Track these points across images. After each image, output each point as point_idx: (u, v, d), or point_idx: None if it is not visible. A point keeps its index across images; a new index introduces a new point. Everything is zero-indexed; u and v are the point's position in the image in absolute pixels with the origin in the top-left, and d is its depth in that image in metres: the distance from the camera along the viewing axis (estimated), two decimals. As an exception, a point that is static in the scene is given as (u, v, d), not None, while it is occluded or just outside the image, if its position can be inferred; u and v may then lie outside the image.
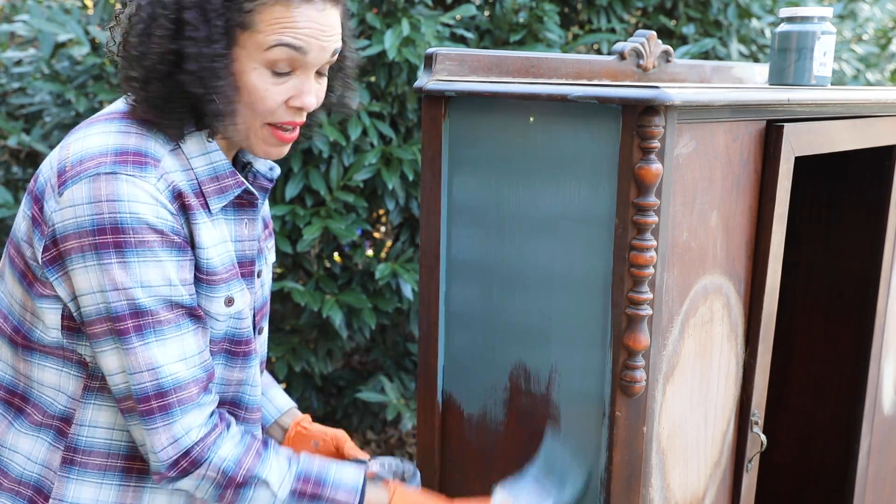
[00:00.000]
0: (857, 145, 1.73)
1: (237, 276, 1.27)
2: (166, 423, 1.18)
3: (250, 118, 1.22)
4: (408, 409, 2.98)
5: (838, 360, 2.13)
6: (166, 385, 1.18)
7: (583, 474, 1.39)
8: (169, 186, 1.17)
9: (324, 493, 1.26)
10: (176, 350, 1.18)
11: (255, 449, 1.25)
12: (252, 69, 1.18)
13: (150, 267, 1.15)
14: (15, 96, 3.17)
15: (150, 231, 1.15)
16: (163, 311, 1.17)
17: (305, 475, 1.26)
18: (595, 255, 1.33)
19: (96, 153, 1.16)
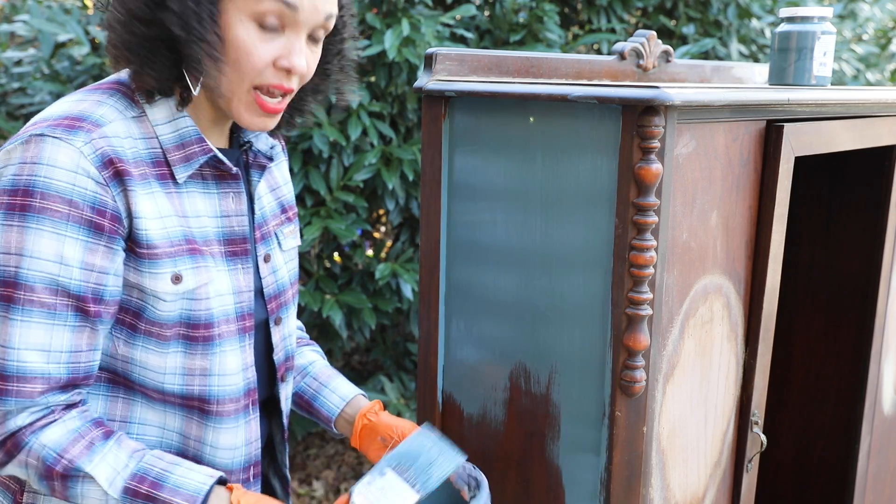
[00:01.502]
0: (857, 145, 1.73)
1: (187, 253, 1.17)
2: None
3: (235, 79, 1.15)
4: (408, 409, 2.98)
5: (838, 361, 2.13)
6: (9, 369, 1.09)
7: (453, 455, 1.26)
8: (97, 151, 1.09)
9: (160, 495, 1.12)
10: (39, 338, 1.09)
11: (88, 439, 1.13)
12: (239, 21, 1.11)
13: (44, 238, 1.08)
14: (15, 96, 3.17)
15: (60, 200, 1.07)
16: (42, 291, 1.09)
17: (143, 474, 1.13)
18: (595, 255, 1.33)
19: (42, 118, 1.12)
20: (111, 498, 1.12)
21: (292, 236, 1.40)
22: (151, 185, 1.14)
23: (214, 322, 1.20)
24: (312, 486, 3.33)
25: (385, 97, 2.83)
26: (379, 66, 2.77)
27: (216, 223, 1.22)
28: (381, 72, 2.76)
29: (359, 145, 2.79)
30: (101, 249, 1.11)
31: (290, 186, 1.45)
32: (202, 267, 1.18)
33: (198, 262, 1.18)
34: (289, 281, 1.37)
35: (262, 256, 1.31)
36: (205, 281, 1.18)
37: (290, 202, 1.42)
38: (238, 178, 1.24)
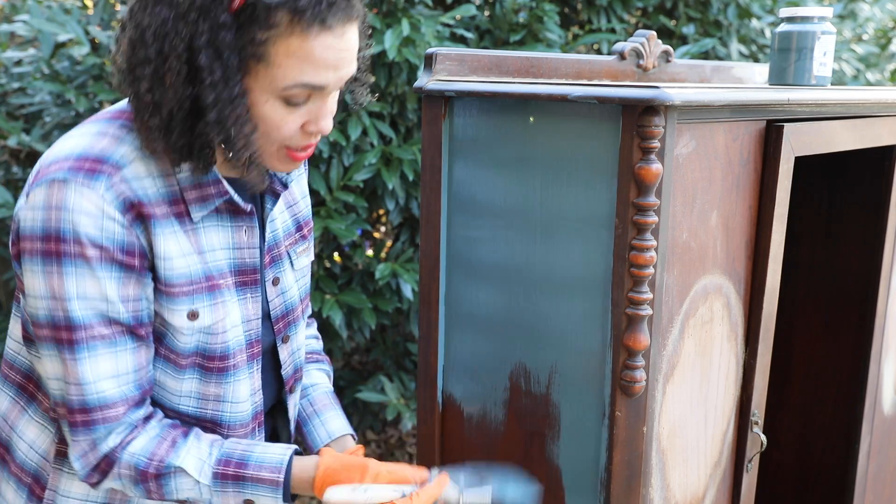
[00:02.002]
0: (857, 145, 1.73)
1: (206, 291, 1.21)
2: (88, 437, 1.18)
3: (266, 143, 1.17)
4: (408, 409, 2.98)
5: (838, 361, 2.13)
6: (91, 402, 1.17)
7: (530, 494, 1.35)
8: (119, 197, 1.12)
9: (247, 474, 1.21)
10: (108, 367, 1.16)
11: (171, 439, 1.21)
12: (265, 101, 1.12)
13: (86, 280, 1.12)
14: (15, 96, 3.17)
15: (90, 245, 1.11)
16: (98, 326, 1.15)
17: (227, 457, 1.22)
18: (595, 255, 1.33)
19: (62, 156, 1.13)
20: (202, 485, 1.21)
21: (305, 254, 1.42)
22: (173, 223, 1.18)
23: (230, 354, 1.25)
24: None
25: (385, 97, 2.83)
26: (379, 66, 2.76)
27: (228, 255, 1.25)
28: (381, 72, 2.76)
29: (359, 145, 2.79)
30: (132, 281, 1.16)
31: (308, 200, 1.46)
32: (219, 303, 1.23)
33: (215, 298, 1.22)
34: (299, 298, 1.40)
35: (270, 280, 1.34)
36: (221, 317, 1.23)
37: (305, 217, 1.44)
38: (252, 215, 1.27)
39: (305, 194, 1.46)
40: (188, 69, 1.07)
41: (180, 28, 1.06)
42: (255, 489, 1.21)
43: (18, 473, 1.30)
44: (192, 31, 1.06)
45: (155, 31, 1.07)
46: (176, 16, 1.06)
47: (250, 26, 1.07)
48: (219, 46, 1.06)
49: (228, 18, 1.06)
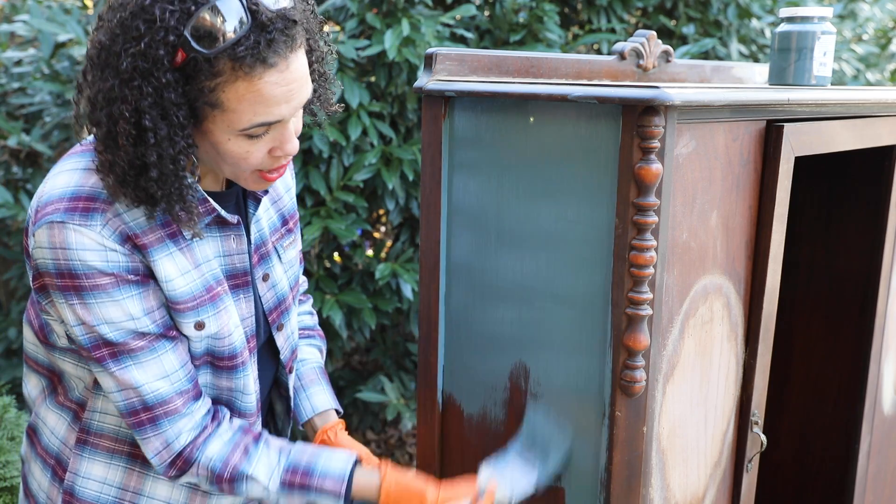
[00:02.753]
0: (857, 145, 1.73)
1: (209, 302, 1.28)
2: (156, 432, 1.27)
3: (237, 171, 1.23)
4: (408, 409, 2.98)
5: (838, 361, 2.13)
6: (150, 401, 1.25)
7: (565, 442, 1.41)
8: (116, 231, 1.18)
9: (312, 482, 1.32)
10: (156, 370, 1.24)
11: (244, 446, 1.31)
12: (227, 140, 1.17)
13: (108, 306, 1.20)
14: (15, 96, 3.17)
15: (101, 275, 1.18)
16: (133, 341, 1.22)
17: (294, 467, 1.33)
18: (595, 255, 1.33)
19: (55, 197, 1.18)
20: (271, 491, 1.32)
21: (292, 247, 1.48)
22: (168, 246, 1.24)
23: (237, 353, 1.33)
24: None
25: (385, 97, 2.83)
26: (379, 66, 2.76)
27: (220, 262, 1.32)
28: (381, 72, 2.76)
29: (359, 145, 2.79)
30: (150, 293, 1.23)
31: (293, 192, 1.52)
32: (222, 311, 1.30)
33: (217, 307, 1.29)
34: (289, 287, 1.47)
35: (260, 277, 1.40)
36: (225, 322, 1.30)
37: (290, 211, 1.49)
38: (239, 225, 1.33)
39: (290, 187, 1.50)
40: (136, 131, 1.12)
41: (126, 94, 1.10)
42: (319, 496, 1.33)
43: (43, 455, 1.40)
44: (136, 95, 1.10)
45: (105, 96, 1.12)
46: (121, 83, 1.10)
47: (196, 77, 1.11)
48: (164, 106, 1.10)
49: (172, 76, 1.10)
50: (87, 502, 1.35)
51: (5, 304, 3.54)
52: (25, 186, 3.20)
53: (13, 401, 2.09)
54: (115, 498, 1.35)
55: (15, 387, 3.14)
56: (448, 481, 1.39)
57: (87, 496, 1.35)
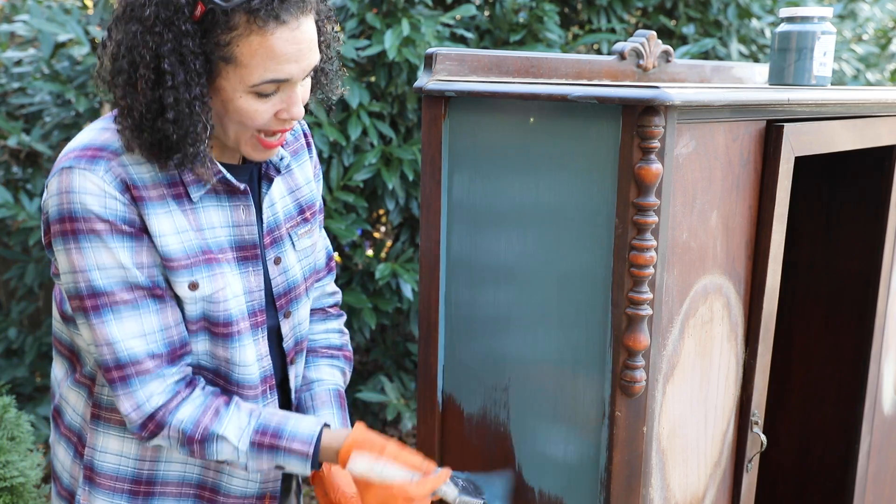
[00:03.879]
0: (857, 145, 1.73)
1: (204, 263, 1.32)
2: (126, 391, 1.30)
3: (241, 130, 1.29)
4: (408, 409, 2.98)
5: (838, 360, 2.13)
6: (122, 359, 1.28)
7: None
8: (116, 178, 1.25)
9: (280, 444, 1.34)
10: (134, 327, 1.28)
11: (214, 408, 1.34)
12: (238, 97, 1.24)
13: (100, 252, 1.25)
14: (15, 96, 3.17)
15: (97, 220, 1.24)
16: (119, 292, 1.27)
17: (264, 428, 1.34)
18: (595, 255, 1.33)
19: (70, 149, 1.28)
20: (241, 451, 1.33)
21: (307, 236, 1.51)
22: (169, 204, 1.29)
23: (233, 321, 1.35)
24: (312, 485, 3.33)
25: (385, 97, 2.83)
26: (379, 66, 2.76)
27: (228, 232, 1.36)
28: (381, 72, 2.76)
29: (359, 145, 2.79)
30: (143, 249, 1.28)
31: (313, 185, 1.54)
32: (218, 274, 1.33)
33: (213, 270, 1.33)
34: (302, 277, 1.49)
35: (271, 260, 1.43)
36: (221, 286, 1.33)
37: (309, 202, 1.52)
38: (247, 193, 1.37)
39: (309, 180, 1.53)
40: (155, 76, 1.20)
41: (147, 39, 1.19)
42: (287, 458, 1.34)
43: (67, 434, 1.45)
44: (157, 41, 1.19)
45: (127, 44, 1.21)
46: (144, 29, 1.19)
47: (213, 31, 1.19)
48: (182, 52, 1.19)
49: (191, 27, 1.19)
50: (107, 475, 1.40)
51: (5, 304, 3.54)
52: (25, 186, 3.20)
53: (13, 401, 2.08)
54: (133, 469, 1.40)
55: (15, 387, 3.14)
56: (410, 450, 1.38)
57: (107, 469, 1.40)
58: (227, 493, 1.44)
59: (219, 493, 1.44)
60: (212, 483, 1.44)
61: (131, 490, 1.40)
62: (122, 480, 1.40)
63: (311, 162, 1.55)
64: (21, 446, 2.02)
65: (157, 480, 1.41)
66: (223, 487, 1.44)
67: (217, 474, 1.43)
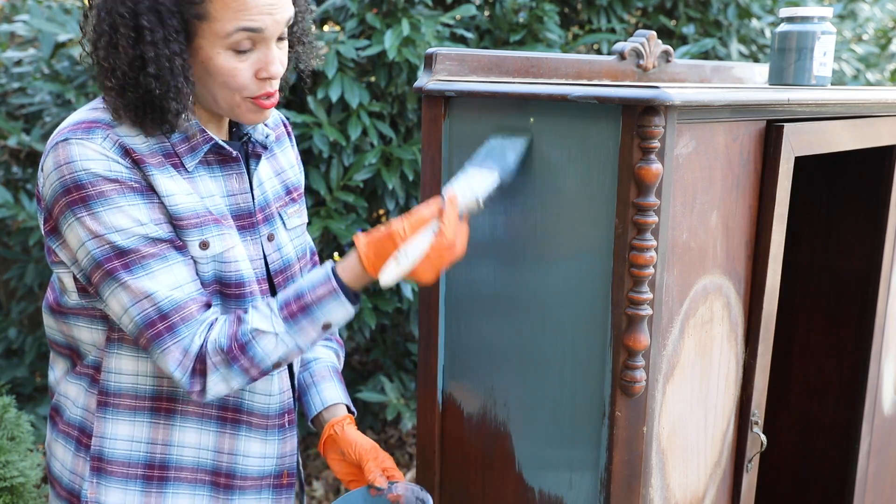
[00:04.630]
0: (857, 145, 1.73)
1: (212, 223, 1.33)
2: (174, 340, 1.29)
3: (228, 95, 1.31)
4: (408, 409, 2.98)
5: (838, 360, 2.13)
6: (165, 307, 1.28)
7: (520, 142, 1.39)
8: (115, 144, 1.27)
9: (307, 301, 1.31)
10: (168, 279, 1.28)
11: (236, 317, 1.32)
12: (217, 54, 1.27)
13: (115, 213, 1.26)
14: (15, 96, 3.17)
15: (105, 181, 1.25)
16: (144, 248, 1.27)
17: (285, 301, 1.32)
18: (595, 255, 1.33)
19: (62, 128, 1.29)
20: (280, 333, 1.30)
21: (297, 215, 1.52)
22: (169, 170, 1.31)
23: (245, 282, 1.37)
24: (312, 486, 3.33)
25: (385, 97, 2.83)
26: (379, 66, 2.76)
27: (226, 201, 1.38)
28: (381, 72, 2.76)
29: (359, 145, 2.79)
30: (156, 206, 1.29)
31: (297, 170, 1.57)
32: (226, 234, 1.35)
33: (221, 229, 1.35)
34: (295, 256, 1.50)
35: (265, 236, 1.44)
36: (230, 245, 1.35)
37: (295, 184, 1.54)
38: (238, 161, 1.39)
39: (293, 164, 1.56)
40: (135, 34, 1.24)
41: (126, 0, 1.23)
42: (323, 309, 1.31)
43: (66, 430, 1.44)
44: (135, 1, 1.23)
45: (107, 7, 1.25)
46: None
47: None
48: (159, 10, 1.23)
49: None
50: (119, 462, 1.39)
51: (5, 304, 3.54)
52: (25, 186, 3.20)
53: (13, 401, 2.08)
54: (146, 453, 1.39)
55: (15, 387, 3.14)
56: (409, 214, 1.34)
57: (118, 456, 1.39)
58: (244, 476, 1.44)
59: (235, 476, 1.44)
60: (227, 468, 1.43)
61: (145, 475, 1.39)
62: (134, 466, 1.39)
63: (294, 150, 1.58)
64: (21, 446, 2.02)
65: (170, 465, 1.40)
66: (239, 470, 1.44)
67: (231, 457, 1.43)
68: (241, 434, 1.43)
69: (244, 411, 1.43)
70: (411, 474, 3.40)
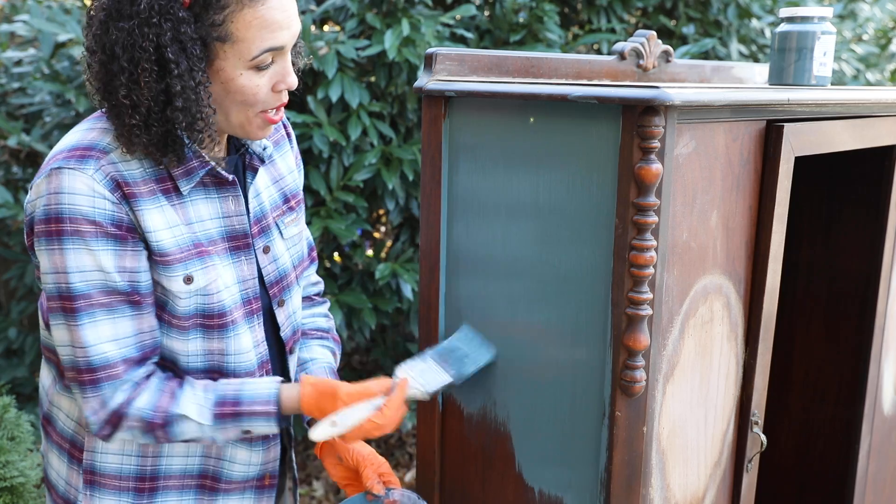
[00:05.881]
0: (857, 145, 1.73)
1: (196, 256, 1.33)
2: (95, 394, 1.31)
3: (244, 112, 1.31)
4: (408, 409, 2.98)
5: (838, 360, 2.13)
6: (95, 363, 1.30)
7: (484, 356, 1.47)
8: (107, 176, 1.26)
9: (242, 409, 1.35)
10: (108, 331, 1.29)
11: (170, 391, 1.34)
12: (239, 75, 1.26)
13: (83, 255, 1.26)
14: (15, 96, 3.17)
15: (85, 222, 1.25)
16: (97, 296, 1.28)
17: (222, 399, 1.35)
18: (595, 255, 1.33)
19: (58, 151, 1.29)
20: (205, 426, 1.34)
21: (294, 224, 1.52)
22: (159, 199, 1.30)
23: (227, 311, 1.37)
24: (312, 486, 3.33)
25: (385, 97, 2.83)
26: (379, 66, 2.76)
27: (219, 223, 1.37)
28: (381, 72, 2.76)
29: (359, 145, 2.79)
30: (128, 254, 1.28)
31: (296, 175, 1.56)
32: (210, 266, 1.34)
33: (206, 262, 1.34)
34: (292, 265, 1.50)
35: (260, 249, 1.44)
36: (213, 278, 1.35)
37: (293, 191, 1.54)
38: (235, 185, 1.38)
39: (292, 169, 1.55)
40: (158, 67, 1.22)
41: (146, 32, 1.20)
42: (252, 422, 1.36)
43: (59, 441, 1.46)
44: (156, 31, 1.20)
45: (123, 43, 1.21)
46: (140, 23, 1.20)
47: (205, 13, 1.22)
48: (182, 39, 1.21)
49: (186, 13, 1.21)
50: (111, 475, 1.41)
51: (5, 304, 3.54)
52: (25, 186, 3.20)
53: (13, 401, 2.08)
54: (136, 466, 1.41)
55: (15, 387, 3.14)
56: (360, 384, 1.40)
57: (110, 470, 1.40)
58: (228, 480, 1.46)
59: (220, 480, 1.45)
60: (213, 471, 1.45)
61: (136, 487, 1.41)
62: (125, 479, 1.41)
63: (293, 152, 1.57)
64: (21, 446, 2.02)
65: (160, 475, 1.42)
66: (224, 475, 1.45)
67: (218, 462, 1.44)
68: (229, 444, 1.44)
69: None
70: (411, 474, 3.40)
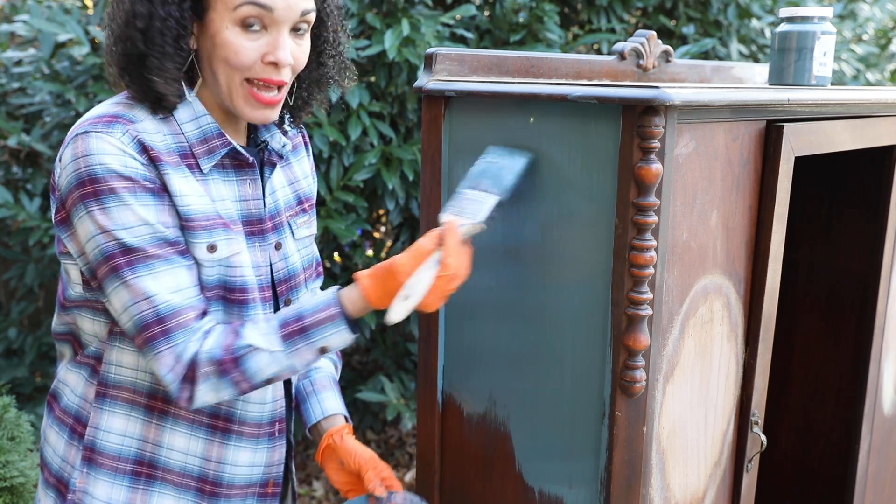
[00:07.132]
0: (857, 145, 1.73)
1: (221, 226, 1.33)
2: (168, 345, 1.28)
3: (228, 73, 1.30)
4: (408, 409, 2.98)
5: (838, 360, 2.13)
6: (163, 311, 1.27)
7: (519, 161, 1.38)
8: (134, 140, 1.27)
9: (308, 323, 1.30)
10: (169, 281, 1.27)
11: (233, 330, 1.31)
12: (225, 28, 1.27)
13: (125, 211, 1.26)
14: (15, 96, 3.17)
15: (119, 178, 1.25)
16: (150, 248, 1.27)
17: (284, 321, 1.31)
18: (595, 255, 1.33)
19: (83, 121, 1.30)
20: (276, 352, 1.29)
21: (306, 226, 1.53)
22: (184, 170, 1.32)
23: (248, 288, 1.37)
24: (312, 486, 3.33)
25: (385, 97, 2.83)
26: (379, 66, 2.76)
27: (237, 206, 1.38)
28: (381, 72, 2.76)
29: (359, 145, 2.79)
30: (166, 208, 1.29)
31: (311, 180, 1.57)
32: (234, 239, 1.35)
33: (229, 233, 1.35)
34: (301, 266, 1.50)
35: (272, 244, 1.44)
36: (237, 251, 1.35)
37: (307, 194, 1.55)
38: (254, 167, 1.40)
39: (307, 175, 1.56)
40: None
41: None
42: (322, 332, 1.30)
43: (61, 416, 1.45)
44: None
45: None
46: None
47: None
48: None
49: None
50: (110, 455, 1.39)
51: (5, 304, 3.54)
52: (25, 186, 3.20)
53: (13, 401, 2.09)
54: (136, 450, 1.40)
55: (15, 387, 3.14)
56: (408, 251, 1.33)
57: (109, 449, 1.39)
58: (230, 485, 1.44)
59: (221, 485, 1.44)
60: (213, 476, 1.43)
61: (134, 471, 1.40)
62: (124, 461, 1.40)
63: (310, 161, 1.58)
64: (21, 446, 2.02)
65: (158, 465, 1.41)
66: (226, 479, 1.44)
67: (219, 465, 1.43)
68: (231, 444, 1.43)
69: (236, 420, 1.42)
70: (411, 474, 3.40)
